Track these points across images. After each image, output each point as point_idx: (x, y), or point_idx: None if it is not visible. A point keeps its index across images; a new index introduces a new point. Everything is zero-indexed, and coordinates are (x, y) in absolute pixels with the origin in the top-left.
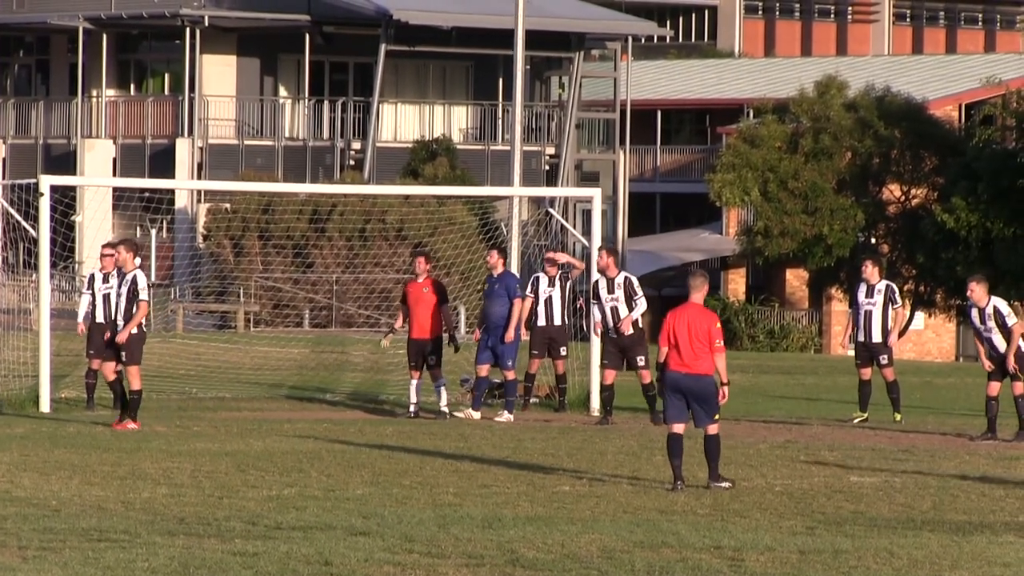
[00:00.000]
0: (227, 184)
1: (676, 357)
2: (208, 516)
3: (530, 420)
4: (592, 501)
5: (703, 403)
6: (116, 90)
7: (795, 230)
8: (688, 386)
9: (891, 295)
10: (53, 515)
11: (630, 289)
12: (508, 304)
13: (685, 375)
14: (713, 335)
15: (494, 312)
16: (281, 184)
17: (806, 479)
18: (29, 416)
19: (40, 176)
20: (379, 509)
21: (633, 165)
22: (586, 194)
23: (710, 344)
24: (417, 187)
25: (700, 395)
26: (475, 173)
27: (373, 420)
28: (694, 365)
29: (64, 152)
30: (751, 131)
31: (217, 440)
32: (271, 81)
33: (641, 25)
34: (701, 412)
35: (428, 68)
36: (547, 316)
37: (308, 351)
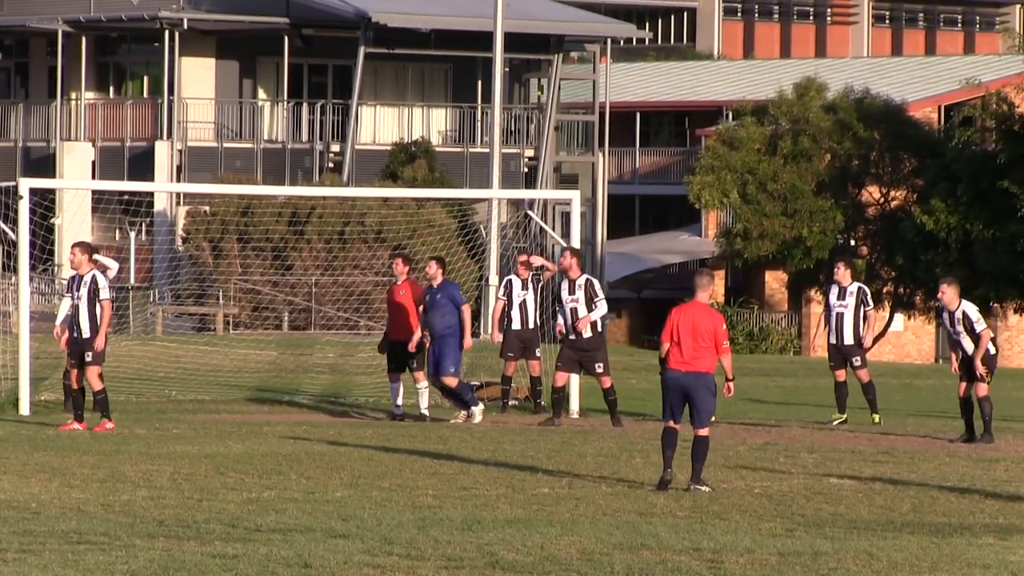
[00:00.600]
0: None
1: (677, 354)
2: (188, 518)
3: (508, 423)
4: (572, 503)
5: (701, 402)
6: (95, 93)
7: (774, 232)
8: (689, 384)
9: (863, 297)
10: (33, 518)
11: (591, 291)
12: (454, 313)
13: (685, 373)
14: (720, 336)
15: (437, 323)
16: (260, 187)
17: (785, 481)
18: (9, 419)
19: (19, 179)
20: (359, 511)
21: (612, 167)
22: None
23: (717, 345)
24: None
25: (700, 393)
26: (454, 175)
27: (352, 423)
28: (695, 363)
29: (43, 155)
30: (730, 133)
31: (196, 442)
32: (250, 84)
33: (620, 27)
34: (699, 411)
35: (407, 70)
36: (522, 319)
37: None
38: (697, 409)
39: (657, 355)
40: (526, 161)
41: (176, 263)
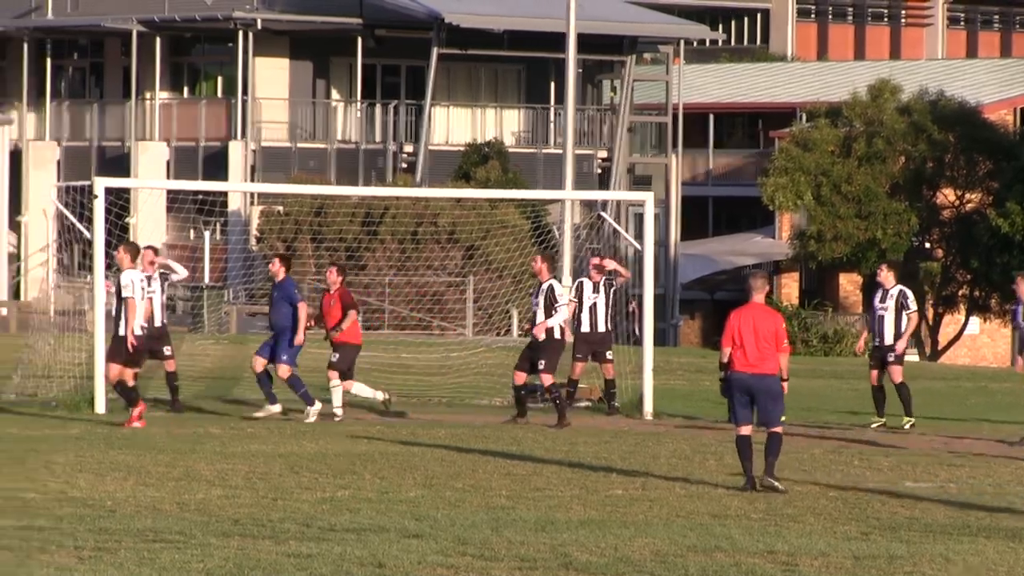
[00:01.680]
0: (280, 187)
1: (742, 357)
2: (262, 517)
3: (582, 424)
4: (645, 505)
5: (770, 402)
6: (169, 92)
7: (848, 234)
8: (755, 386)
9: (903, 300)
10: (108, 516)
11: (551, 297)
12: (290, 310)
13: (752, 375)
14: (780, 335)
15: (275, 321)
16: (333, 187)
17: (860, 484)
18: (84, 418)
19: (94, 178)
20: (432, 511)
21: (686, 168)
22: (638, 197)
23: (777, 344)
24: (469, 190)
25: (767, 394)
26: (527, 176)
27: (425, 422)
28: (760, 365)
29: (118, 154)
30: (804, 135)
31: (271, 442)
32: (323, 84)
33: (693, 28)
34: (768, 411)
35: (480, 71)
36: (591, 322)
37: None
38: (765, 410)
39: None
40: (599, 162)
41: (250, 263)
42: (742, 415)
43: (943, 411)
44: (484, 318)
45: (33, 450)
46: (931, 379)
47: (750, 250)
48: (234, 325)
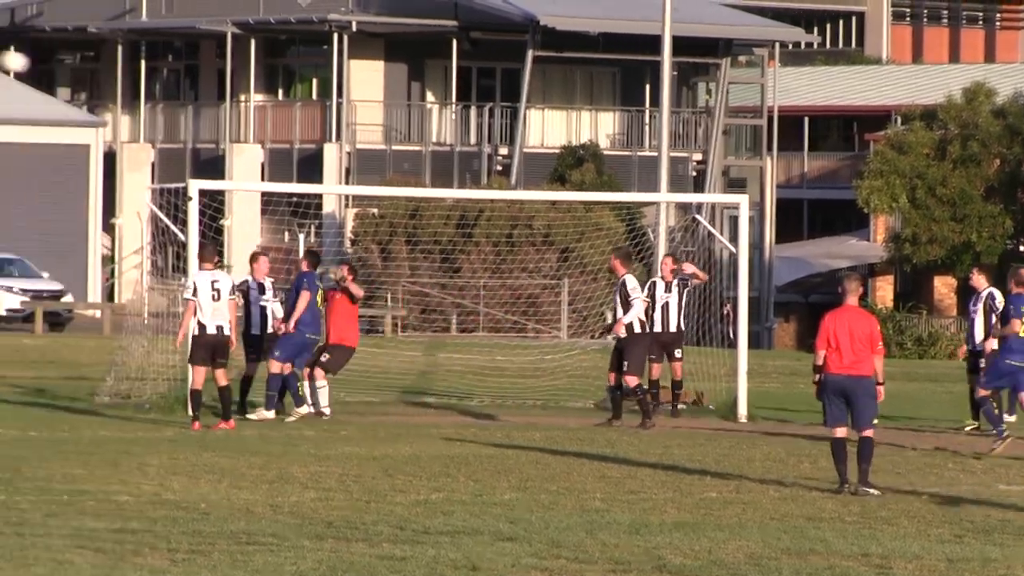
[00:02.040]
0: (374, 189)
1: (837, 359)
2: (356, 520)
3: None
4: (739, 507)
5: (864, 404)
6: (264, 95)
7: (943, 237)
8: (850, 387)
9: (991, 302)
10: (202, 518)
11: (624, 292)
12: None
13: (847, 377)
14: (875, 337)
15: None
16: (428, 189)
17: (954, 487)
18: (178, 420)
19: (189, 180)
20: (526, 514)
21: (780, 171)
22: (733, 200)
23: (872, 346)
24: (564, 192)
25: (862, 396)
26: (622, 179)
27: (520, 425)
28: (856, 367)
29: (212, 156)
30: (899, 137)
31: (365, 445)
32: (418, 86)
33: (789, 31)
34: (861, 414)
35: (575, 74)
36: (663, 322)
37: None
38: (859, 412)
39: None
40: (694, 165)
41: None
42: (837, 417)
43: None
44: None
45: (127, 453)
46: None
47: (845, 253)
48: None
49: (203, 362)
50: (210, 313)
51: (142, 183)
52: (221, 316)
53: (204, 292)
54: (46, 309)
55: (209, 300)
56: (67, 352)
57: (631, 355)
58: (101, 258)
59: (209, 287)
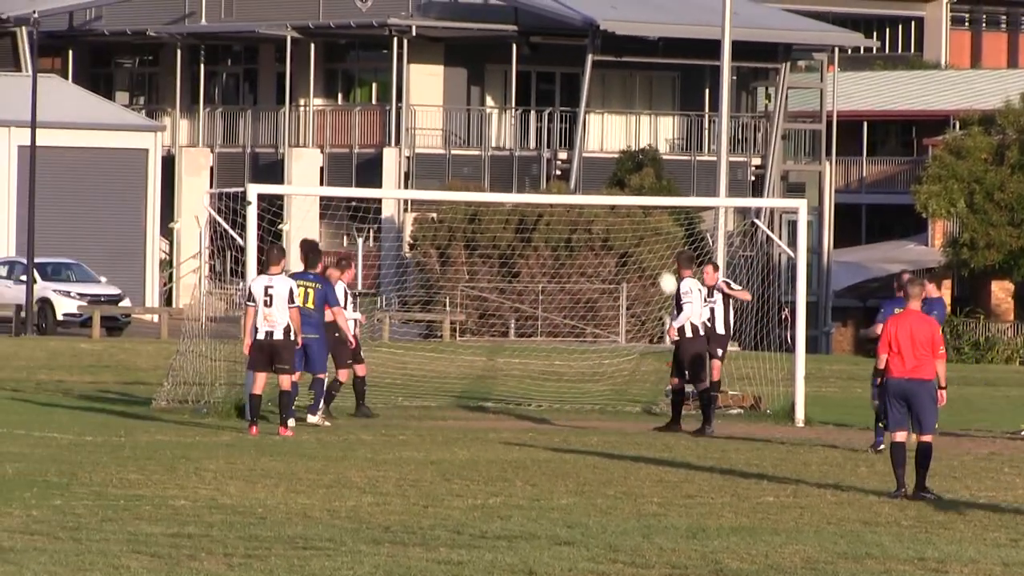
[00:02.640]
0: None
1: (899, 363)
2: (413, 525)
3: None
4: (796, 512)
5: (925, 409)
6: (323, 99)
7: (1001, 242)
8: (913, 391)
9: None
10: (259, 523)
11: (678, 296)
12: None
13: (909, 380)
14: (937, 341)
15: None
16: (487, 194)
17: (1010, 491)
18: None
19: (248, 185)
20: (583, 519)
21: (839, 176)
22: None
23: (933, 350)
24: (623, 197)
25: (924, 401)
26: (681, 183)
27: (578, 429)
28: (917, 371)
29: (271, 161)
30: (957, 143)
31: (422, 449)
32: (478, 91)
33: (847, 36)
34: (922, 418)
35: (634, 78)
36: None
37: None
38: (921, 416)
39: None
40: (753, 169)
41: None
42: (897, 421)
43: None
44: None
45: (184, 457)
46: None
47: (903, 257)
48: (386, 332)
49: (258, 367)
50: (262, 318)
51: (200, 187)
52: (273, 321)
53: (258, 297)
54: (104, 313)
55: (262, 305)
56: (124, 356)
57: (685, 359)
58: (159, 262)
59: (263, 292)
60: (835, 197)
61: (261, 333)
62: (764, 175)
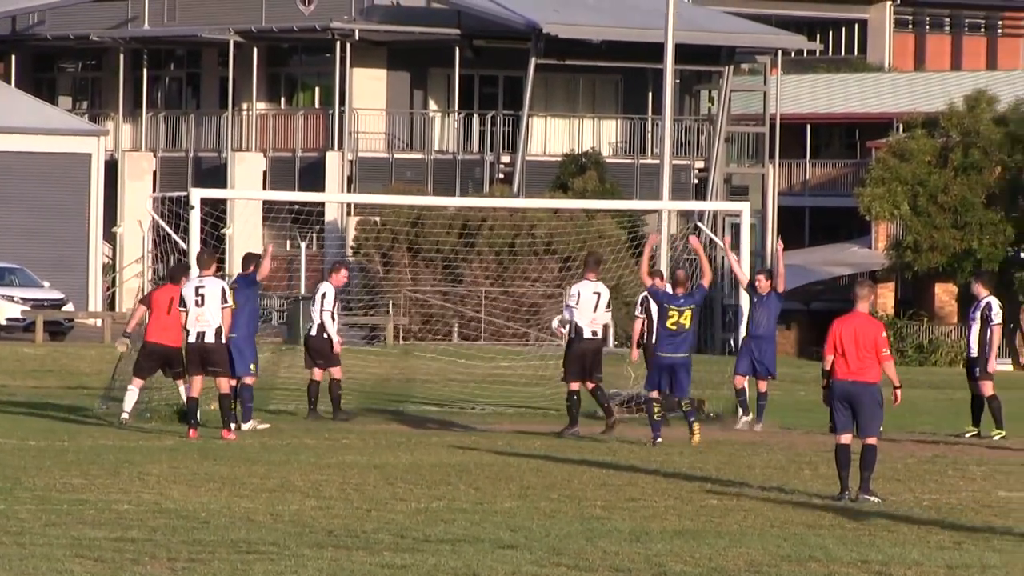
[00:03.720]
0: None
1: (843, 365)
2: (356, 529)
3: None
4: (740, 515)
5: (869, 412)
6: (266, 103)
7: (944, 244)
8: (855, 394)
9: (986, 311)
10: (202, 527)
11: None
12: None
13: (852, 383)
14: (880, 344)
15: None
16: (431, 197)
17: (954, 494)
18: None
19: (190, 189)
20: (527, 522)
21: (782, 179)
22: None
23: (877, 352)
24: (566, 201)
25: (867, 403)
26: (624, 187)
27: (521, 434)
28: (860, 373)
29: (214, 165)
30: (901, 145)
31: (366, 453)
32: (421, 94)
33: (791, 39)
34: (866, 421)
35: (578, 81)
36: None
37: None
38: (864, 419)
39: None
40: (696, 173)
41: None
42: (842, 424)
43: None
44: None
45: (127, 461)
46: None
47: (846, 260)
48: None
49: (193, 371)
50: (194, 319)
51: (143, 192)
52: (205, 322)
53: (188, 299)
54: (47, 318)
55: (193, 306)
56: (67, 361)
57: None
58: (102, 267)
59: (193, 293)
60: (778, 200)
61: (193, 335)
62: (707, 178)
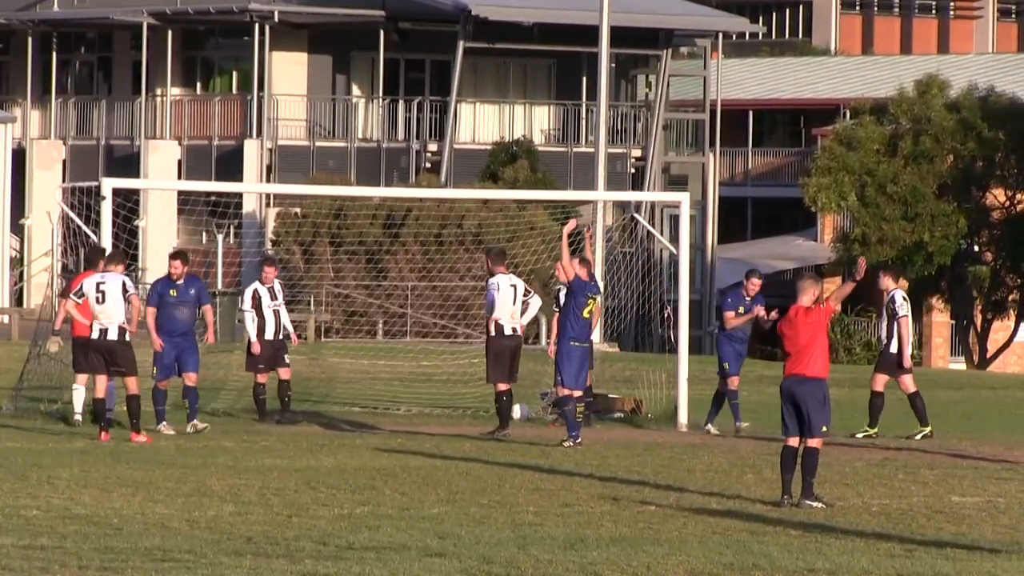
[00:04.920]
0: (297, 188)
1: (788, 362)
2: (277, 536)
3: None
4: (679, 521)
5: (811, 410)
6: (181, 89)
7: (894, 237)
8: (796, 391)
9: (891, 305)
10: (115, 533)
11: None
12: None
13: (794, 379)
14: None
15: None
16: (354, 188)
17: (905, 499)
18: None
19: (102, 179)
20: (456, 529)
21: (723, 168)
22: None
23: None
24: (496, 191)
25: (810, 401)
26: (557, 176)
27: (449, 436)
28: (803, 367)
29: (127, 154)
30: (848, 133)
31: (286, 456)
32: (344, 80)
33: (732, 21)
34: (809, 419)
35: (508, 66)
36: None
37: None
38: (806, 417)
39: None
40: (633, 161)
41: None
42: (788, 425)
43: (991, 422)
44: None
45: (36, 465)
46: (979, 388)
47: (791, 254)
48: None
49: (97, 369)
50: (95, 316)
51: (53, 182)
52: (107, 319)
53: (89, 294)
54: None
55: (94, 303)
56: None
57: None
58: (9, 260)
59: (94, 288)
60: (719, 190)
61: (95, 332)
62: (645, 167)
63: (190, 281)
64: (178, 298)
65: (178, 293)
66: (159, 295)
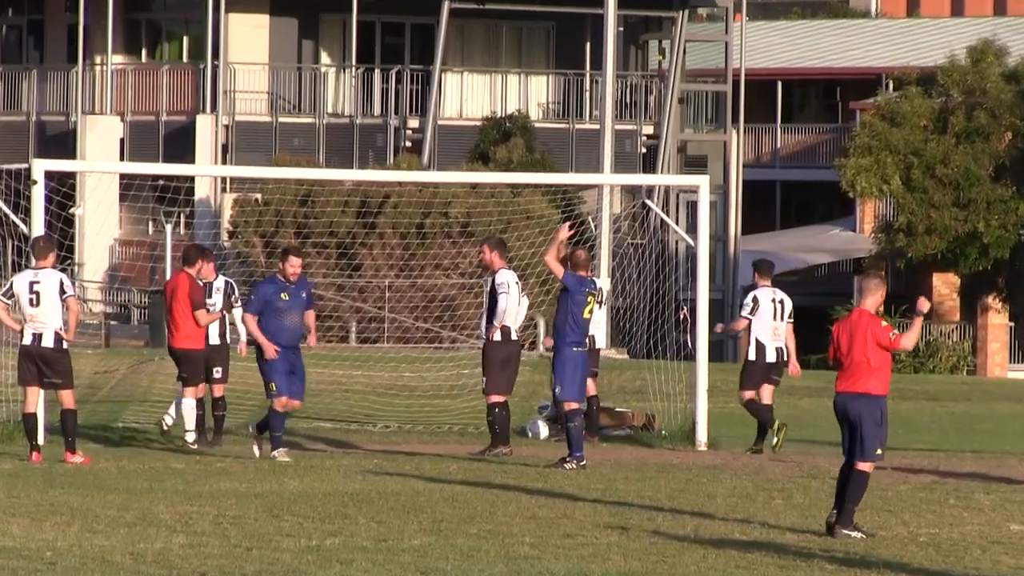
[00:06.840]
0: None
1: (841, 375)
2: (234, 570)
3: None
4: (698, 554)
5: (864, 428)
6: (124, 56)
7: (944, 226)
8: (851, 408)
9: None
10: (47, 569)
11: (493, 291)
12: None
13: (849, 396)
14: (880, 335)
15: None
16: (323, 170)
17: (957, 528)
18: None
19: (32, 160)
20: (441, 563)
21: (748, 147)
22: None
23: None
24: (487, 174)
25: (863, 419)
26: (557, 157)
27: (433, 456)
28: (860, 384)
29: (61, 131)
30: (891, 107)
31: (245, 479)
32: (311, 46)
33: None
34: (860, 441)
35: (501, 30)
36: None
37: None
38: (860, 437)
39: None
40: (644, 140)
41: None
42: (844, 444)
43: None
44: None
45: None
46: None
47: (825, 245)
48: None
49: (29, 380)
50: (28, 320)
51: None
52: (42, 323)
53: (21, 295)
54: None
55: (27, 305)
56: None
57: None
58: None
59: (27, 289)
60: (744, 173)
61: (28, 337)
62: (658, 146)
63: (302, 283)
64: (290, 303)
65: (290, 297)
66: (265, 300)
